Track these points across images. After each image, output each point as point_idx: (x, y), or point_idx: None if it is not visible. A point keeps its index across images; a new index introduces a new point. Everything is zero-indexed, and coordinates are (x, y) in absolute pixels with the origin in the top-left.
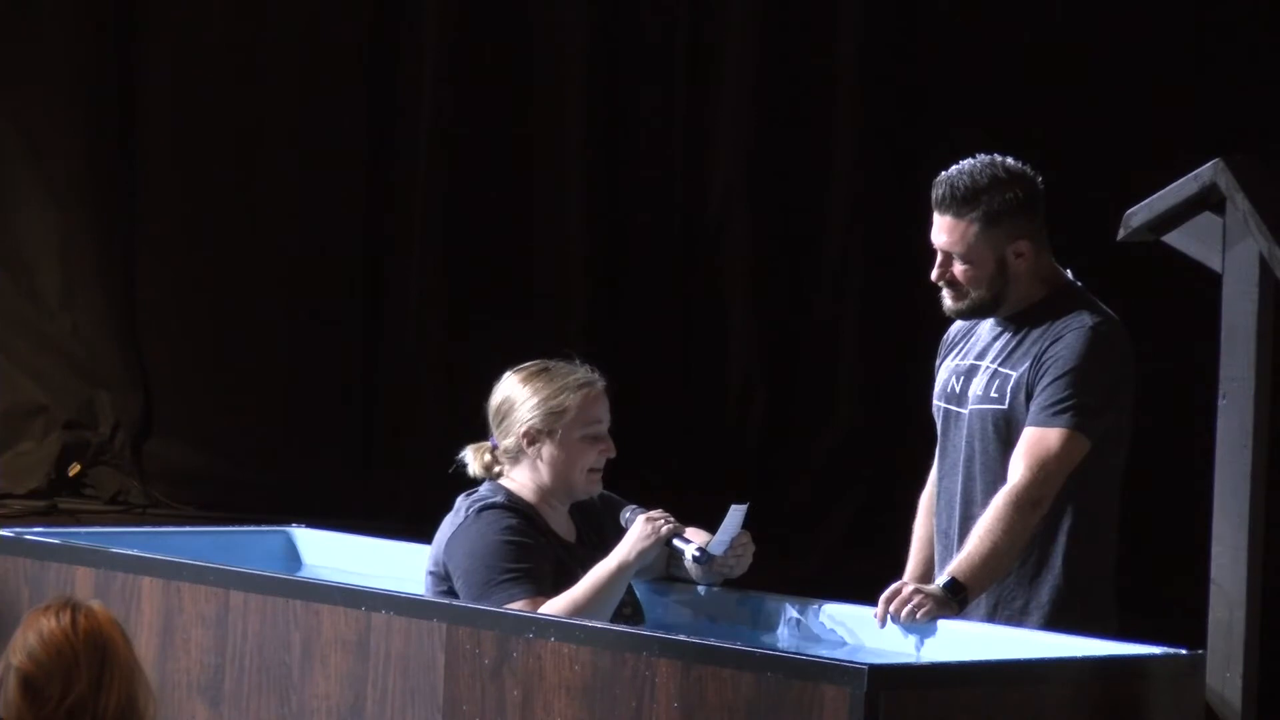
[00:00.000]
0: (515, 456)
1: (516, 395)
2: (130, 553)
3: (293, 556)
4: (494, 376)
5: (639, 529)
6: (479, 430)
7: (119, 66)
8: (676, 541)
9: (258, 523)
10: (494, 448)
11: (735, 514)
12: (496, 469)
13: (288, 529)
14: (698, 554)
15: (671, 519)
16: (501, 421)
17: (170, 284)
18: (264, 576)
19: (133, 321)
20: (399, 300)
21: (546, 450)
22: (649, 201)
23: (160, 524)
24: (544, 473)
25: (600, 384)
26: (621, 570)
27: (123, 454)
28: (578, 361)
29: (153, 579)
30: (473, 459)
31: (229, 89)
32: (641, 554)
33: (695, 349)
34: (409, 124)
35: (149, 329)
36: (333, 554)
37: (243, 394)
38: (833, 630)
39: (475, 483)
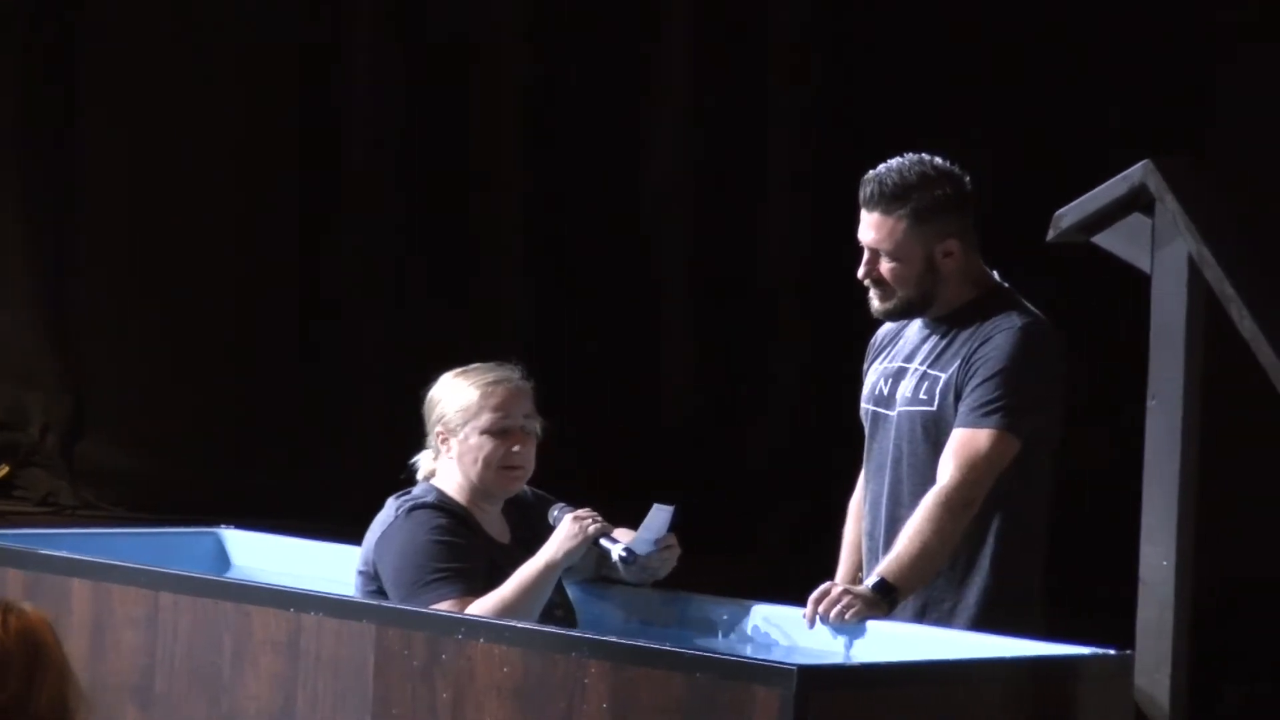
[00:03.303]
0: (437, 456)
1: (436, 395)
2: (60, 554)
3: (222, 558)
4: (429, 378)
5: (566, 528)
6: (411, 433)
7: (55, 68)
8: (604, 541)
9: (187, 524)
10: None
11: (659, 514)
12: (432, 469)
13: (217, 530)
14: (625, 554)
15: (599, 518)
16: (426, 423)
17: (102, 286)
18: (194, 578)
19: (63, 323)
20: (332, 302)
21: (457, 447)
22: (587, 203)
23: (90, 525)
24: (458, 471)
25: (514, 380)
26: (549, 569)
27: (53, 455)
28: (512, 362)
29: (82, 580)
30: (423, 462)
31: (167, 90)
32: (569, 553)
33: (632, 349)
34: (351, 129)
35: (80, 330)
36: (262, 555)
37: (173, 395)
38: (766, 632)
39: (409, 484)
